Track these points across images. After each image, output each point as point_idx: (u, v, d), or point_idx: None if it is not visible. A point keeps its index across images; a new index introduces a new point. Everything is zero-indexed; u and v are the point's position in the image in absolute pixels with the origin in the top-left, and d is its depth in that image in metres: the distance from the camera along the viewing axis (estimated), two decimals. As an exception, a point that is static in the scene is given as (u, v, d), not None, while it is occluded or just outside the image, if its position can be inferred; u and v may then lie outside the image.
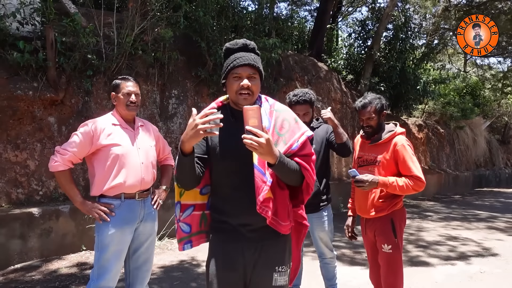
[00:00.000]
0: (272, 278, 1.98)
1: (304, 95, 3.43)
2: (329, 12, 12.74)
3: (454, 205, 11.48)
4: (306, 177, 1.95)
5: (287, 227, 1.97)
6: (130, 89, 2.93)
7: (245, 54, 1.98)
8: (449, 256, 5.89)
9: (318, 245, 3.59)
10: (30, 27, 5.74)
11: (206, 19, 7.17)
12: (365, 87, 11.70)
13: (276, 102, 2.09)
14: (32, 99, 5.49)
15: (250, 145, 1.70)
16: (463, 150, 16.45)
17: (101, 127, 2.84)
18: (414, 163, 2.97)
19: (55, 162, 2.78)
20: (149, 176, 2.97)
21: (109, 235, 2.78)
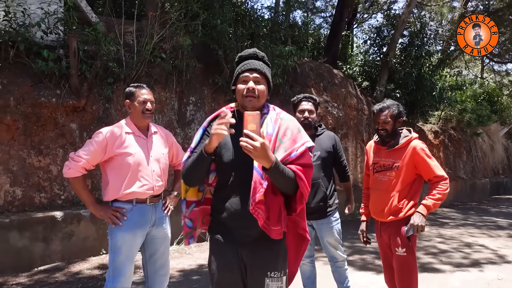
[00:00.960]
0: (264, 283, 2.02)
1: (309, 95, 3.62)
2: (345, 19, 12.79)
3: (471, 212, 11.36)
4: (300, 187, 1.98)
5: (278, 231, 1.99)
6: (146, 97, 2.99)
7: (252, 61, 2.11)
8: (466, 262, 5.85)
9: (328, 249, 3.62)
10: (54, 36, 5.92)
11: (223, 27, 7.30)
12: (381, 94, 11.69)
13: (282, 111, 2.19)
14: (55, 106, 5.65)
15: (246, 147, 1.79)
16: (480, 157, 16.25)
17: (115, 136, 2.90)
18: (434, 163, 3.09)
19: (69, 169, 2.85)
20: (161, 183, 3.04)
21: (121, 238, 2.86)
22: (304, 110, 3.50)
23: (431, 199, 3.02)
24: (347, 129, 10.19)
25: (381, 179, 3.23)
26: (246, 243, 2.03)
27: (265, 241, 2.01)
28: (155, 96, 6.76)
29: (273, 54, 7.73)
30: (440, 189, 3.02)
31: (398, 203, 3.09)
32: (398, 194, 3.10)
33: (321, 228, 3.55)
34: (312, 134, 3.54)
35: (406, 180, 3.10)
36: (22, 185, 5.37)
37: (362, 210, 3.54)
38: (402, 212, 3.09)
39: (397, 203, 3.09)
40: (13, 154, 5.34)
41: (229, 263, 2.04)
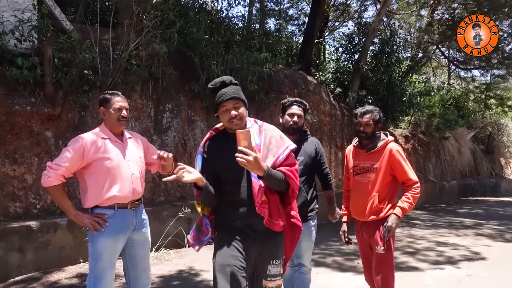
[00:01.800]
0: (267, 269, 2.45)
1: (300, 100, 3.67)
2: (317, 27, 13.04)
3: (441, 214, 11.74)
4: (291, 184, 2.41)
5: (280, 225, 2.41)
6: (121, 104, 3.03)
7: (226, 90, 2.44)
8: (437, 261, 6.10)
9: (300, 254, 3.55)
10: (28, 44, 5.86)
11: (199, 35, 7.37)
12: (353, 100, 11.97)
13: (264, 123, 2.56)
14: (30, 114, 5.59)
15: (241, 162, 2.18)
16: (448, 160, 16.79)
17: (92, 142, 2.91)
18: (409, 166, 3.30)
19: (48, 178, 2.82)
20: (140, 186, 3.08)
21: (103, 244, 2.87)
22: (294, 114, 3.54)
23: (406, 202, 3.22)
24: (321, 135, 10.39)
25: (361, 181, 3.39)
26: (254, 239, 2.41)
27: (268, 235, 2.42)
28: (131, 103, 6.80)
29: (248, 61, 7.85)
30: (413, 193, 3.23)
31: (379, 203, 3.26)
32: (378, 195, 3.28)
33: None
34: (299, 139, 3.56)
35: (384, 181, 3.28)
36: (-4, 195, 5.28)
37: (342, 212, 3.68)
38: (383, 212, 3.27)
39: (378, 203, 3.26)
40: (-14, 163, 5.25)
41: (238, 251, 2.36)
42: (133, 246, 3.05)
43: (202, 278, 5.00)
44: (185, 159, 7.43)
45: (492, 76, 21.63)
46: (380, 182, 3.29)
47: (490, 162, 21.49)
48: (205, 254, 5.95)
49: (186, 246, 6.41)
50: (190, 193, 7.35)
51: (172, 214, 6.42)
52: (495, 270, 5.59)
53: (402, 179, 3.30)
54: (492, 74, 21.52)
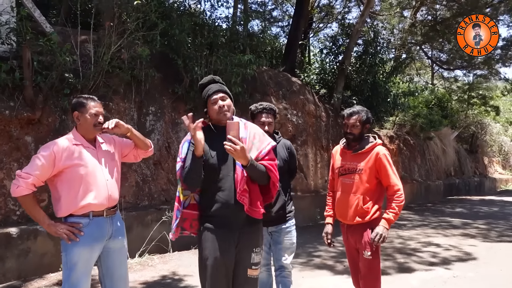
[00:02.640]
0: (251, 257, 2.60)
1: (269, 105, 3.66)
2: (301, 28, 13.05)
3: (427, 213, 11.83)
4: (271, 177, 2.61)
5: (260, 212, 2.57)
6: (98, 109, 2.92)
7: (213, 85, 2.69)
8: (424, 261, 6.12)
9: (279, 257, 3.53)
10: (6, 47, 5.74)
11: (182, 37, 7.32)
12: (338, 101, 12.01)
13: (247, 121, 2.79)
14: (9, 119, 5.47)
15: (229, 150, 2.38)
16: (433, 160, 16.97)
17: (63, 148, 2.79)
18: (394, 172, 3.27)
19: (18, 187, 2.69)
20: (116, 193, 2.98)
21: (78, 253, 2.76)
22: (264, 123, 3.53)
23: (391, 213, 3.17)
24: (306, 136, 10.39)
25: (346, 182, 3.35)
26: (235, 227, 2.55)
27: (249, 224, 2.58)
28: (113, 106, 6.72)
29: (232, 63, 7.81)
30: (397, 202, 3.18)
31: (364, 205, 3.23)
32: (362, 197, 3.24)
33: (279, 232, 3.55)
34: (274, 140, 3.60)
35: (369, 183, 3.25)
36: (-26, 202, 5.15)
37: (327, 213, 3.64)
38: (368, 216, 3.22)
39: (362, 205, 3.22)
40: (-37, 169, 5.12)
41: (224, 245, 2.52)
42: (109, 255, 2.95)
43: (186, 284, 4.93)
44: (169, 162, 7.35)
45: (474, 76, 21.94)
46: (365, 184, 3.26)
47: (474, 161, 21.79)
48: (189, 259, 5.92)
49: (170, 251, 6.33)
50: (174, 196, 7.25)
51: (156, 218, 6.34)
52: (481, 270, 5.62)
53: (386, 184, 3.26)
54: (474, 74, 21.82)
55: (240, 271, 2.59)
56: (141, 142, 3.18)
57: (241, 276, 2.59)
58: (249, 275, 2.60)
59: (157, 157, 7.23)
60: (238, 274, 2.59)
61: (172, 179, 7.34)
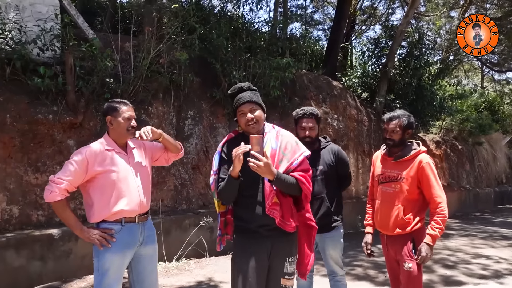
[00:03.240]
0: (284, 266, 2.53)
1: (310, 109, 3.55)
2: (343, 30, 12.83)
3: (476, 223, 11.22)
4: (303, 189, 2.51)
5: (292, 226, 2.48)
6: (131, 113, 2.90)
7: (243, 95, 2.58)
8: (473, 274, 5.74)
9: (329, 263, 3.54)
10: (50, 53, 5.93)
11: (220, 41, 7.31)
12: (380, 105, 11.66)
13: (281, 129, 2.69)
14: (52, 123, 5.62)
15: (253, 167, 2.33)
16: (483, 166, 16.14)
17: (95, 154, 2.77)
18: (437, 183, 3.03)
19: (51, 193, 2.69)
20: (147, 199, 2.95)
21: (110, 260, 2.74)
22: (305, 128, 3.46)
23: (437, 229, 2.95)
24: (347, 141, 10.12)
25: (386, 191, 3.17)
26: (268, 238, 2.50)
27: (282, 235, 2.50)
28: (153, 111, 6.78)
29: (270, 67, 7.73)
30: (441, 216, 2.96)
31: (404, 216, 3.03)
32: (403, 207, 3.05)
33: (324, 241, 3.47)
34: (316, 149, 3.50)
35: (410, 193, 3.05)
36: (19, 203, 5.31)
37: (366, 221, 3.46)
38: (409, 227, 3.03)
39: (403, 216, 3.03)
40: (9, 171, 5.29)
41: (256, 254, 2.48)
42: (140, 261, 2.92)
43: (221, 290, 4.88)
44: (207, 167, 7.33)
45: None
46: (406, 194, 3.06)
47: (528, 168, 20.57)
48: (225, 265, 5.84)
49: (207, 255, 6.29)
50: (212, 201, 7.21)
51: (194, 222, 6.32)
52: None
53: (428, 196, 3.04)
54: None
55: (273, 281, 2.53)
56: (172, 146, 3.15)
57: (274, 286, 2.53)
58: (282, 285, 2.53)
59: (195, 161, 7.23)
60: (271, 284, 2.53)
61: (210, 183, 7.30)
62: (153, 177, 3.18)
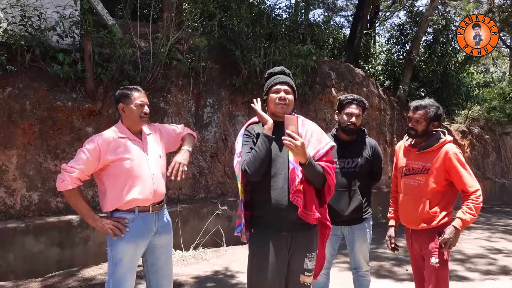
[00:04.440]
0: (304, 262, 2.45)
1: (359, 97, 3.44)
2: (366, 17, 12.50)
3: (502, 215, 10.90)
4: (328, 179, 2.43)
5: (314, 217, 2.39)
6: (143, 99, 2.83)
7: (282, 76, 2.58)
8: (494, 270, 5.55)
9: (355, 257, 3.43)
10: (69, 40, 5.90)
11: (240, 27, 7.17)
12: (404, 93, 11.36)
13: (306, 119, 2.65)
14: (71, 110, 5.62)
15: (289, 145, 2.23)
16: (510, 157, 15.66)
17: (108, 142, 2.72)
18: (468, 172, 2.88)
19: (63, 181, 2.65)
20: (162, 187, 2.88)
21: (123, 249, 2.70)
22: (352, 114, 3.33)
23: (469, 214, 2.78)
24: (369, 130, 9.90)
25: (410, 183, 3.03)
26: (288, 230, 2.40)
27: (303, 228, 2.42)
28: (171, 98, 6.72)
29: (291, 54, 7.56)
30: (475, 202, 2.80)
31: (430, 209, 2.89)
32: (429, 201, 2.90)
33: (353, 233, 3.37)
34: (356, 140, 3.42)
35: (437, 186, 2.90)
36: (38, 190, 5.35)
37: (390, 214, 3.33)
38: (436, 221, 2.89)
39: (428, 210, 2.89)
40: (29, 158, 5.32)
41: (275, 249, 2.37)
42: (154, 251, 2.87)
43: (237, 281, 4.81)
44: (225, 155, 7.27)
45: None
46: (432, 187, 2.90)
47: (557, 159, 19.89)
48: (242, 254, 5.78)
49: (224, 245, 6.25)
50: (231, 190, 7.20)
51: (212, 211, 6.28)
52: None
53: (460, 187, 2.88)
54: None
55: (292, 277, 2.45)
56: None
57: (293, 283, 2.45)
58: (302, 282, 2.45)
59: (213, 150, 7.17)
60: (290, 280, 2.45)
61: (229, 172, 7.25)
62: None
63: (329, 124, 8.54)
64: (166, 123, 6.50)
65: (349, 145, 3.37)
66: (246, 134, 2.55)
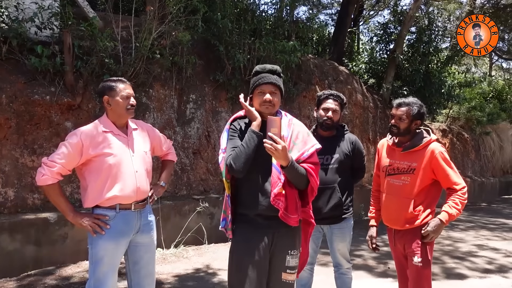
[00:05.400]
0: (286, 260, 2.41)
1: (337, 93, 3.42)
2: (350, 15, 12.53)
3: (481, 213, 11.08)
4: (311, 181, 2.39)
5: (295, 219, 2.37)
6: (129, 91, 2.75)
7: (269, 75, 2.46)
8: (480, 268, 5.62)
9: (335, 255, 3.42)
10: (48, 32, 5.73)
11: (225, 22, 7.08)
12: (387, 91, 11.44)
13: (293, 118, 2.57)
14: (49, 104, 5.47)
15: (270, 149, 2.19)
16: (489, 156, 15.93)
17: (91, 136, 2.63)
18: (454, 170, 2.87)
19: (43, 176, 2.56)
20: (145, 185, 2.79)
21: (104, 247, 2.62)
22: (329, 109, 3.32)
23: (454, 208, 2.79)
24: (352, 128, 9.93)
25: (394, 183, 2.99)
26: (268, 229, 2.38)
27: (285, 225, 2.36)
28: (153, 93, 6.61)
29: (275, 50, 7.50)
30: (461, 198, 2.81)
31: (414, 209, 2.87)
32: (413, 201, 2.88)
33: (332, 232, 3.35)
34: (335, 136, 3.38)
35: (422, 186, 2.88)
36: (15, 186, 5.19)
37: (371, 214, 3.30)
38: (419, 220, 2.87)
39: (412, 210, 2.87)
40: (5, 153, 5.15)
41: (256, 247, 2.34)
42: (136, 250, 2.79)
43: (219, 279, 4.75)
44: (208, 152, 7.19)
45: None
46: (417, 187, 2.88)
47: (534, 159, 20.31)
48: (225, 252, 5.69)
49: (206, 242, 6.18)
50: (214, 187, 7.12)
51: (193, 208, 6.20)
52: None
53: (447, 185, 2.87)
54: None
55: (273, 275, 2.41)
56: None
57: (275, 281, 2.42)
58: (284, 280, 2.41)
59: (196, 146, 7.08)
60: (272, 278, 2.41)
61: (211, 168, 7.17)
62: (153, 161, 3.04)
63: (313, 122, 8.51)
64: (148, 119, 6.41)
65: (328, 141, 3.32)
66: (232, 128, 2.50)
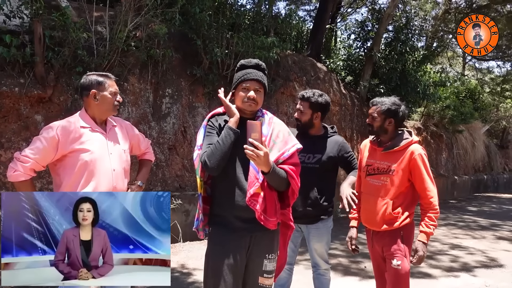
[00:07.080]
0: (263, 264, 2.34)
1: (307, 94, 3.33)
2: (329, 12, 12.52)
3: (453, 211, 11.29)
4: (292, 184, 2.31)
5: (274, 223, 2.29)
6: (116, 88, 2.66)
7: (254, 71, 2.37)
8: (451, 267, 5.68)
9: (313, 256, 3.38)
10: (18, 21, 5.47)
11: (203, 16, 6.95)
12: (364, 89, 11.51)
13: (274, 116, 2.50)
14: (18, 96, 5.24)
15: (251, 156, 2.10)
16: (461, 154, 16.28)
17: (68, 131, 2.50)
18: (429, 176, 2.85)
19: (15, 171, 2.43)
20: (122, 184, 2.68)
21: None
22: (297, 110, 3.35)
23: (432, 226, 2.80)
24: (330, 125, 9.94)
25: (374, 183, 2.96)
26: (247, 230, 2.29)
27: (263, 228, 2.27)
28: (128, 87, 6.43)
29: (254, 45, 7.41)
30: (434, 212, 2.82)
31: (393, 211, 2.85)
32: (392, 202, 2.85)
33: (309, 232, 3.30)
34: (318, 136, 3.35)
35: (401, 187, 2.85)
36: (-20, 181, 4.97)
37: (352, 215, 3.26)
38: (398, 222, 2.84)
39: (391, 211, 2.84)
40: (-30, 147, 4.93)
41: (233, 250, 2.26)
42: None
43: (194, 279, 4.65)
44: (184, 148, 7.06)
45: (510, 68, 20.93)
46: (396, 188, 2.85)
47: (504, 157, 20.91)
48: (200, 251, 5.66)
49: (181, 240, 6.06)
50: (189, 183, 7.00)
51: (168, 205, 6.06)
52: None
53: (419, 189, 2.86)
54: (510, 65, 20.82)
55: (250, 279, 2.34)
56: None
57: (251, 285, 2.35)
58: (260, 284, 2.35)
59: (172, 142, 6.94)
60: (248, 282, 2.34)
61: (187, 165, 7.05)
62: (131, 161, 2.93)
63: (290, 119, 8.47)
64: (123, 113, 6.23)
65: (313, 140, 3.28)
66: (210, 125, 2.41)
